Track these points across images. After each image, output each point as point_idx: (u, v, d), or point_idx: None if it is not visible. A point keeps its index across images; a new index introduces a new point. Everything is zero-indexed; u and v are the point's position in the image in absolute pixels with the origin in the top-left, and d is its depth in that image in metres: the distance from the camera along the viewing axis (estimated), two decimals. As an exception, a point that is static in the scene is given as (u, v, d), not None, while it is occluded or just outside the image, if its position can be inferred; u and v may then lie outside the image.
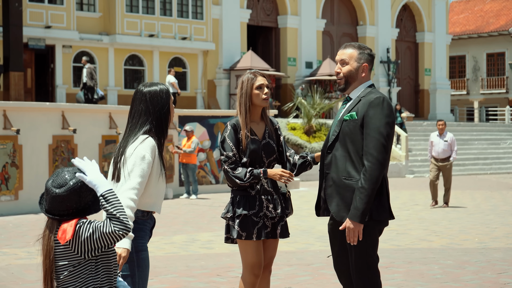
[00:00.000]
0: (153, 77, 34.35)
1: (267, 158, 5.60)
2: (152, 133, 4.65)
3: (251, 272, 5.57)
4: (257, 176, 5.44)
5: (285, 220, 5.67)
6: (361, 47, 5.29)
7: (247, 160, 5.53)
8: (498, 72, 53.74)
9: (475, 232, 12.96)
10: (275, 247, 5.72)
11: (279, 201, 5.61)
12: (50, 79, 32.23)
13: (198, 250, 11.06)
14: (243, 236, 5.49)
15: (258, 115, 5.68)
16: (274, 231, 5.60)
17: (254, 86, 5.61)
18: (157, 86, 4.73)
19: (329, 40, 41.20)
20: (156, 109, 4.67)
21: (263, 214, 5.52)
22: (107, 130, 18.23)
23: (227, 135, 5.55)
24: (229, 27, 36.31)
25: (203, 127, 21.72)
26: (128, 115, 4.76)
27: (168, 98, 4.72)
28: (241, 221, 5.50)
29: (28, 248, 11.26)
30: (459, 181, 27.45)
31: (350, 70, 5.23)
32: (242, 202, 5.52)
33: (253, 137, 5.57)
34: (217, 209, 16.98)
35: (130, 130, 4.69)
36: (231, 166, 5.48)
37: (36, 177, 16.65)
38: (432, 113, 45.30)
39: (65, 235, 3.65)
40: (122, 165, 4.57)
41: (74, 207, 3.70)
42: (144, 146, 4.56)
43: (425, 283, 8.38)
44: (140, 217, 4.61)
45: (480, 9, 56.65)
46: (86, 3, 32.83)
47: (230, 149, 5.51)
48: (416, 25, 45.62)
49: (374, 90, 5.21)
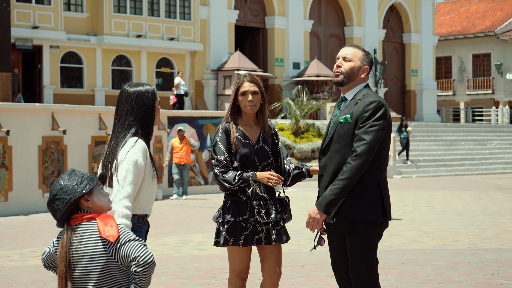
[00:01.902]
0: (140, 78, 34.30)
1: (261, 163, 5.52)
2: (139, 134, 4.61)
3: (237, 275, 5.56)
4: (246, 180, 5.37)
5: (281, 225, 5.54)
6: (365, 50, 5.29)
7: (238, 164, 5.46)
8: (484, 73, 53.98)
9: (465, 233, 13.03)
10: (276, 253, 5.58)
11: (274, 206, 5.51)
12: (38, 80, 32.13)
13: (190, 252, 11.07)
14: (230, 241, 5.43)
15: (251, 119, 5.59)
16: (269, 237, 5.49)
17: (239, 92, 5.52)
18: (143, 86, 4.70)
19: (317, 41, 41.27)
20: (141, 109, 4.63)
21: (254, 220, 5.44)
22: (97, 131, 18.20)
23: (218, 139, 5.48)
24: (217, 27, 36.32)
25: (192, 128, 21.72)
26: (114, 116, 4.70)
27: (154, 98, 4.68)
28: (230, 227, 5.43)
29: (20, 250, 11.23)
30: (446, 181, 27.58)
31: (353, 67, 5.18)
32: (232, 208, 5.45)
33: (245, 141, 5.50)
34: (208, 210, 16.98)
35: (118, 132, 4.63)
36: (221, 170, 5.42)
37: (26, 178, 16.61)
38: (418, 114, 45.47)
39: (111, 234, 3.72)
40: (114, 171, 4.53)
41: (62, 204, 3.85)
42: (136, 150, 4.52)
43: (419, 284, 8.42)
44: (136, 224, 4.60)
45: (466, 10, 56.90)
46: (73, 4, 32.75)
47: (222, 152, 5.44)
48: (403, 26, 45.78)
49: (370, 92, 5.17)
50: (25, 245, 11.82)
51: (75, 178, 3.86)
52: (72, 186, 3.83)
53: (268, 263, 5.57)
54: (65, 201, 3.81)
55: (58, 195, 3.84)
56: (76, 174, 3.89)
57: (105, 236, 3.72)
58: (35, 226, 14.26)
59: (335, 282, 8.48)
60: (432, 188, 24.01)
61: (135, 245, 3.69)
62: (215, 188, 21.76)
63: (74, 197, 3.81)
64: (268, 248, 5.55)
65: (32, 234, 13.19)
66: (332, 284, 8.44)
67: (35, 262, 10.15)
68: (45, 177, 16.93)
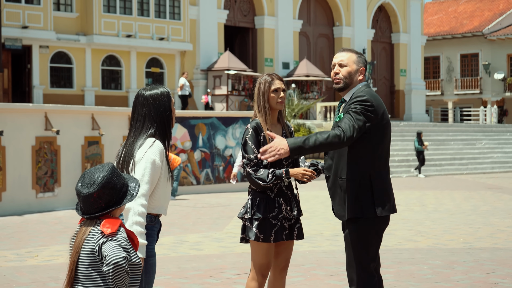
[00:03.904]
0: (130, 78, 34.31)
1: (286, 160, 5.66)
2: (157, 136, 4.69)
3: (259, 272, 5.65)
4: (280, 177, 5.50)
5: (300, 222, 5.76)
6: (357, 52, 5.48)
7: (267, 162, 5.58)
8: (472, 72, 54.23)
9: (459, 232, 13.12)
10: (291, 248, 5.80)
11: (295, 203, 5.70)
12: (27, 80, 32.05)
13: (188, 252, 11.10)
14: (261, 238, 5.56)
15: (275, 117, 5.75)
16: (291, 233, 5.68)
17: (271, 89, 5.66)
18: (158, 89, 4.76)
19: (306, 40, 41.36)
20: (158, 112, 4.70)
21: (282, 216, 5.59)
22: (90, 131, 18.19)
23: (248, 138, 5.60)
24: (206, 27, 36.35)
25: (184, 128, 21.73)
26: (131, 120, 4.78)
27: (170, 100, 4.75)
28: (260, 223, 5.56)
29: (17, 250, 11.23)
30: (436, 181, 27.70)
31: (350, 71, 5.35)
32: (262, 205, 5.58)
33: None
34: (201, 210, 17.02)
35: (135, 135, 4.71)
36: (253, 168, 5.54)
37: (19, 179, 16.58)
38: (407, 114, 45.64)
39: (110, 227, 3.71)
40: (131, 170, 4.61)
41: (107, 201, 3.78)
42: (153, 150, 4.59)
43: (417, 283, 8.48)
44: (149, 223, 4.64)
45: (454, 10, 57.13)
46: (63, 3, 32.70)
47: (252, 151, 5.57)
48: (392, 26, 45.95)
49: (366, 90, 5.29)
50: (22, 245, 11.82)
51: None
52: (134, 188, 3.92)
53: (281, 258, 5.77)
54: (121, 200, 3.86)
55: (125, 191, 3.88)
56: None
57: (102, 228, 3.72)
58: (29, 226, 14.25)
59: (333, 281, 8.60)
60: (423, 188, 24.12)
61: (112, 245, 3.66)
62: (207, 188, 21.81)
63: (130, 200, 3.87)
64: (285, 243, 5.74)
65: (27, 234, 13.18)
66: (331, 284, 8.51)
67: (33, 262, 10.17)
68: (38, 178, 16.92)
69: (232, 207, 17.47)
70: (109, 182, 3.78)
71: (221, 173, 22.40)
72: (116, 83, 34.53)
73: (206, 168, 22.10)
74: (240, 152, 7.91)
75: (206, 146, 22.13)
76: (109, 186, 3.78)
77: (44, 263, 10.14)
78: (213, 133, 22.29)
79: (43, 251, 11.12)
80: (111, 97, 33.39)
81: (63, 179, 17.48)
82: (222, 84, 35.64)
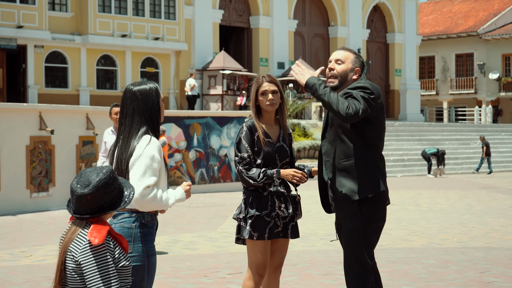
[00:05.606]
0: (125, 78, 34.29)
1: (280, 161, 5.70)
2: (148, 132, 4.65)
3: (256, 272, 5.67)
4: (270, 177, 5.55)
5: (295, 221, 5.78)
6: (356, 53, 5.50)
7: (261, 161, 5.63)
8: (467, 72, 54.31)
9: (453, 231, 13.14)
10: (286, 247, 5.83)
11: (291, 202, 5.73)
12: (22, 79, 32.01)
13: (182, 251, 11.10)
14: (255, 236, 5.59)
15: (271, 118, 5.76)
16: (285, 231, 5.71)
17: (259, 92, 5.69)
18: (147, 84, 4.70)
19: (301, 40, 41.38)
20: (147, 107, 4.65)
21: (275, 214, 5.62)
22: (84, 131, 18.16)
23: (242, 136, 5.64)
24: (202, 27, 36.34)
25: (179, 127, 21.71)
26: (119, 116, 4.71)
27: (158, 96, 4.70)
28: (253, 221, 5.59)
29: (11, 250, 11.22)
30: (431, 180, 27.74)
31: (345, 69, 5.38)
32: (255, 203, 5.61)
33: (268, 140, 5.68)
34: (195, 210, 17.01)
35: (126, 131, 4.65)
36: (245, 167, 5.59)
37: (14, 178, 16.56)
38: (402, 114, 45.69)
39: (97, 237, 3.66)
40: (130, 168, 4.56)
41: (100, 205, 3.74)
42: (152, 146, 4.56)
43: (411, 283, 8.50)
44: (150, 221, 4.63)
45: (449, 10, 57.20)
46: (58, 3, 32.66)
47: (245, 150, 5.61)
48: (387, 26, 45.99)
49: (366, 81, 5.38)
50: (15, 245, 11.81)
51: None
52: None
53: (276, 257, 5.80)
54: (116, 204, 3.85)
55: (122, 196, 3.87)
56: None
57: (89, 237, 3.66)
58: (24, 226, 14.23)
59: (327, 280, 8.61)
60: (417, 187, 24.15)
61: (94, 271, 3.62)
62: (202, 188, 21.79)
63: (122, 207, 3.85)
64: (280, 242, 5.78)
65: (21, 234, 13.16)
66: (325, 283, 8.51)
67: (27, 262, 10.15)
68: (32, 177, 16.89)
69: (227, 207, 17.47)
70: (105, 186, 3.73)
71: (216, 173, 22.40)
72: (111, 83, 34.52)
73: (201, 167, 22.09)
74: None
75: (201, 146, 22.12)
76: (104, 190, 3.73)
77: (38, 262, 10.12)
78: (208, 132, 22.28)
79: (37, 251, 11.11)
80: (106, 97, 33.35)
81: (58, 179, 17.46)
82: (217, 84, 35.64)
